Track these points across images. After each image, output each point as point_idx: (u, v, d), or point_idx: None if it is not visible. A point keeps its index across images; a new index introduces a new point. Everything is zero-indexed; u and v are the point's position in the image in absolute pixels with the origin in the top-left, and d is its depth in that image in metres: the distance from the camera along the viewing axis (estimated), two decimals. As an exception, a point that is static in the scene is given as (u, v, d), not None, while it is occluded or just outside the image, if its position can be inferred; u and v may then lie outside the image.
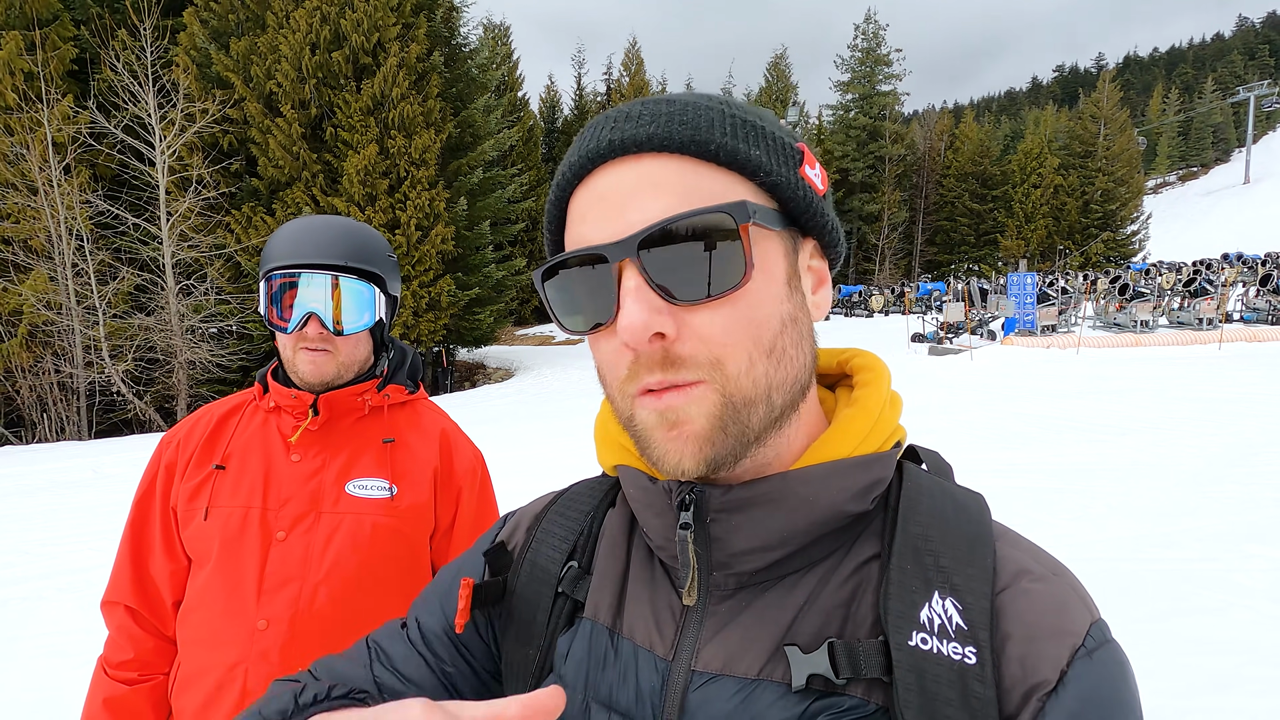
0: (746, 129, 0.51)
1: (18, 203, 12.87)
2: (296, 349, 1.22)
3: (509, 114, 28.46)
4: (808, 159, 0.53)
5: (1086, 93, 49.24)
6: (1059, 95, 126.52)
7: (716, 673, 0.50)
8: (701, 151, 0.48)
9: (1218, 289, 18.37)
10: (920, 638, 0.46)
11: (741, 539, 0.52)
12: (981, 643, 0.45)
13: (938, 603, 0.47)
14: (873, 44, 47.69)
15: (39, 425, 13.46)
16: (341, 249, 1.22)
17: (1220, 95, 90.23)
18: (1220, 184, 73.80)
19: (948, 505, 0.52)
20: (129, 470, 8.08)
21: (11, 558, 4.87)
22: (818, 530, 0.52)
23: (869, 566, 0.51)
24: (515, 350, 23.51)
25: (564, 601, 0.60)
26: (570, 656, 0.57)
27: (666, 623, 0.54)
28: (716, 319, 0.47)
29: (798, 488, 0.51)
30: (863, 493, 0.52)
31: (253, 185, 16.14)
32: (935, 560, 0.49)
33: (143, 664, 1.23)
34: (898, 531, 0.51)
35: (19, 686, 3.19)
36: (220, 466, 1.23)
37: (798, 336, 0.51)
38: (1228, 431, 7.22)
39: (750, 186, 0.50)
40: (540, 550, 0.64)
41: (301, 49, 15.36)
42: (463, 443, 1.35)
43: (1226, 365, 11.97)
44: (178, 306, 13.95)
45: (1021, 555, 0.50)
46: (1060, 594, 0.48)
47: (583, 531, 0.63)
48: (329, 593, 1.17)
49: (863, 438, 0.53)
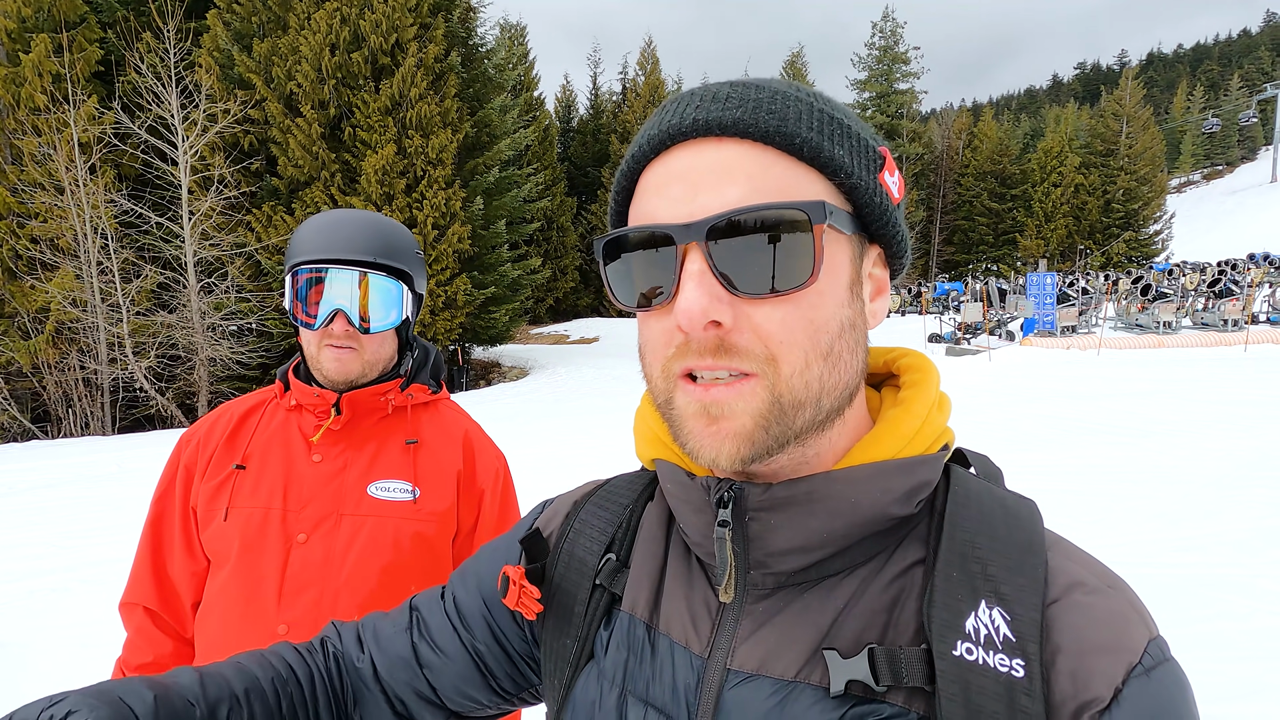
0: (833, 126, 0.49)
1: (45, 202, 13.10)
2: (321, 346, 1.20)
3: (525, 114, 28.55)
4: (888, 165, 0.52)
5: (1109, 90, 48.45)
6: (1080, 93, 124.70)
7: (753, 672, 0.49)
8: (786, 144, 0.47)
9: (1243, 289, 18.03)
10: (965, 648, 0.44)
11: (780, 538, 0.51)
12: (1030, 655, 0.43)
13: (984, 612, 0.45)
14: (890, 42, 47.29)
15: (64, 420, 13.71)
16: (370, 245, 1.19)
17: (1247, 92, 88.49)
18: (1246, 183, 72.36)
19: (997, 511, 0.50)
20: (152, 465, 8.21)
21: (39, 549, 4.97)
22: (859, 532, 0.50)
23: (913, 572, 0.50)
24: (530, 349, 23.58)
25: (601, 594, 0.60)
26: (609, 649, 0.57)
27: (703, 620, 0.53)
28: (776, 315, 0.47)
29: (839, 489, 0.50)
30: (907, 496, 0.51)
31: (273, 184, 16.31)
32: (983, 568, 0.47)
33: (162, 667, 1.21)
34: (944, 537, 0.49)
35: (46, 675, 3.26)
36: (241, 466, 1.20)
37: (853, 342, 0.51)
38: (1253, 435, 7.09)
39: (828, 186, 0.49)
40: (578, 541, 0.64)
41: (321, 50, 15.50)
42: (486, 445, 1.33)
43: (1252, 367, 11.75)
44: (199, 304, 14.15)
45: (1075, 566, 0.48)
46: (1117, 608, 0.46)
47: (621, 524, 0.63)
48: (351, 598, 1.14)
49: (908, 439, 0.52)
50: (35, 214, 13.34)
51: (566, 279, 33.84)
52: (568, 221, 34.15)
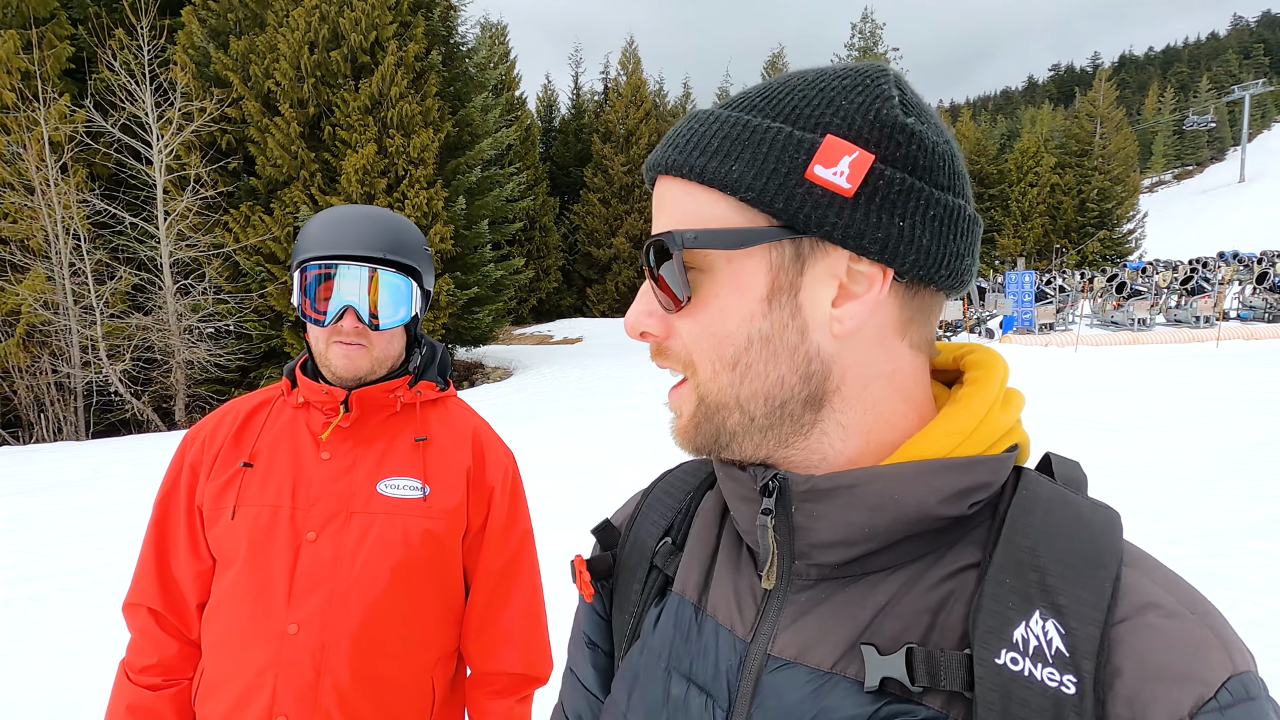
0: (740, 138, 0.49)
1: (15, 202, 12.77)
2: (330, 342, 1.18)
3: (507, 113, 28.35)
4: (823, 154, 0.47)
5: (1083, 91, 49.30)
6: (1055, 94, 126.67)
7: (791, 659, 0.50)
8: (688, 175, 0.51)
9: (1214, 287, 18.44)
10: (1010, 657, 0.42)
11: (823, 530, 0.51)
12: (1084, 673, 0.41)
13: (1036, 623, 0.43)
14: (870, 43, 47.69)
15: (36, 425, 13.38)
16: (380, 240, 1.18)
17: (1215, 94, 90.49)
18: (1215, 183, 74.03)
19: (1067, 518, 0.47)
20: (129, 470, 8.05)
21: (15, 557, 4.85)
22: (904, 530, 0.49)
23: (964, 575, 0.48)
24: (513, 350, 23.47)
25: (656, 575, 0.64)
26: (658, 626, 0.60)
27: (748, 605, 0.55)
28: (687, 327, 0.52)
29: (881, 484, 0.49)
30: (958, 496, 0.49)
31: (251, 184, 16.06)
32: (1040, 577, 0.45)
33: (166, 669, 1.19)
34: (1001, 541, 0.47)
35: (26, 686, 3.18)
36: (248, 464, 1.18)
37: (769, 354, 0.50)
38: (1228, 428, 7.25)
39: (732, 203, 0.49)
40: (642, 525, 0.68)
41: (300, 48, 15.29)
42: (495, 442, 1.32)
43: (1225, 362, 12.02)
44: (175, 306, 13.89)
45: (1152, 586, 0.45)
46: (1195, 635, 0.42)
47: (681, 510, 0.67)
48: (361, 596, 1.13)
49: (963, 438, 0.50)
50: (5, 214, 13.01)
51: (549, 279, 33.71)
52: (550, 221, 34.01)
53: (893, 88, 0.50)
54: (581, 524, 1.65)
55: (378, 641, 1.15)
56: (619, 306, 34.10)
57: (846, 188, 0.47)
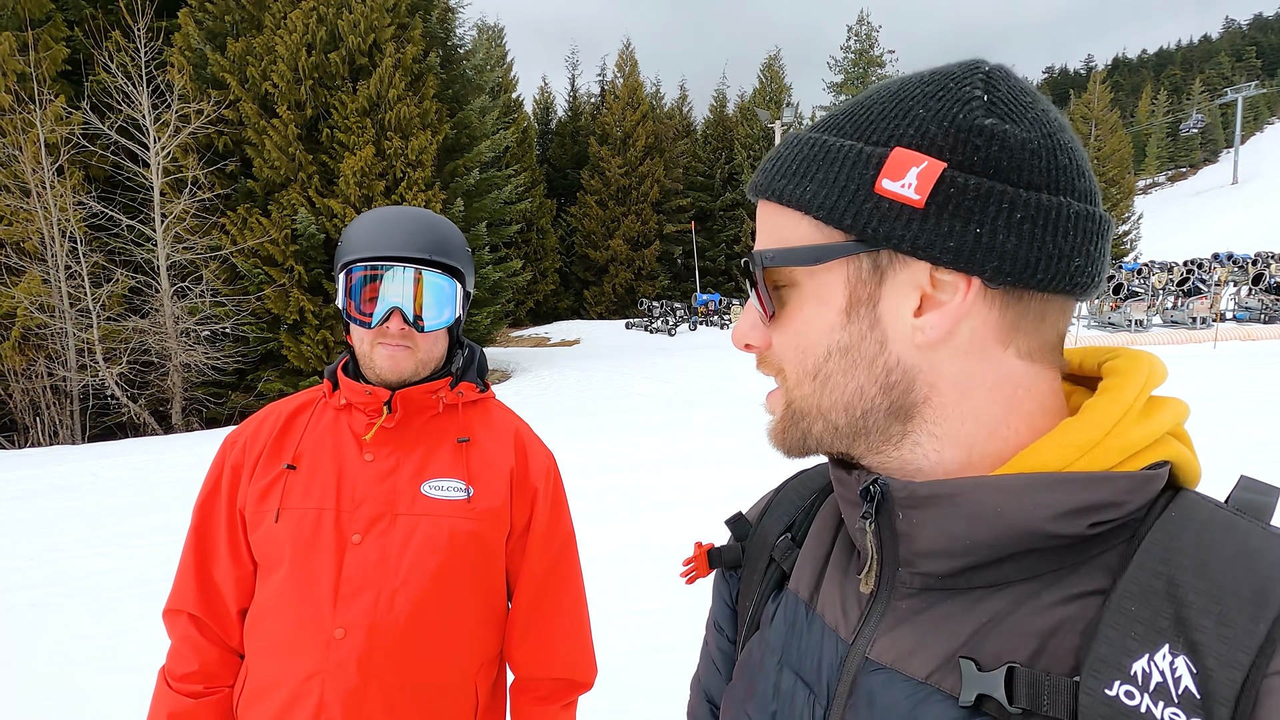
0: (813, 158, 0.52)
1: (10, 205, 12.70)
2: (375, 344, 1.18)
3: (504, 116, 28.36)
4: (891, 167, 0.47)
5: (1076, 94, 49.55)
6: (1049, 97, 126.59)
7: (887, 665, 0.51)
8: (772, 198, 0.54)
9: (1210, 288, 18.53)
10: (1125, 689, 0.39)
11: (924, 538, 0.50)
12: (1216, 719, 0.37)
13: (1164, 658, 0.39)
14: (865, 45, 47.88)
15: (32, 429, 13.29)
16: (425, 242, 1.18)
17: (1208, 96, 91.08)
18: (1209, 184, 74.48)
19: (1226, 546, 0.42)
20: (128, 474, 8.00)
21: (17, 563, 4.80)
22: (1011, 545, 0.47)
23: (1085, 601, 0.45)
24: (511, 352, 23.43)
25: (774, 567, 0.67)
26: (775, 620, 0.63)
27: (852, 608, 0.56)
28: (778, 338, 0.56)
29: (983, 495, 0.47)
30: (1074, 514, 0.45)
31: (248, 187, 15.99)
32: (1176, 609, 0.40)
33: (208, 676, 1.18)
34: (1132, 566, 0.43)
35: (32, 695, 3.14)
36: (291, 466, 1.17)
37: (848, 365, 0.52)
38: (1228, 428, 7.27)
39: (813, 221, 0.52)
40: (769, 520, 0.71)
41: (298, 50, 15.25)
42: (536, 443, 1.32)
43: (1222, 363, 12.08)
44: (172, 309, 13.82)
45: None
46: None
47: (804, 508, 0.69)
48: (407, 599, 1.12)
49: (1083, 450, 0.47)
50: (0, 217, 12.93)
51: (547, 281, 33.69)
52: (548, 224, 34.00)
53: (978, 88, 0.48)
54: (583, 527, 1.64)
55: (423, 645, 1.14)
56: (616, 308, 34.09)
57: (916, 199, 0.46)
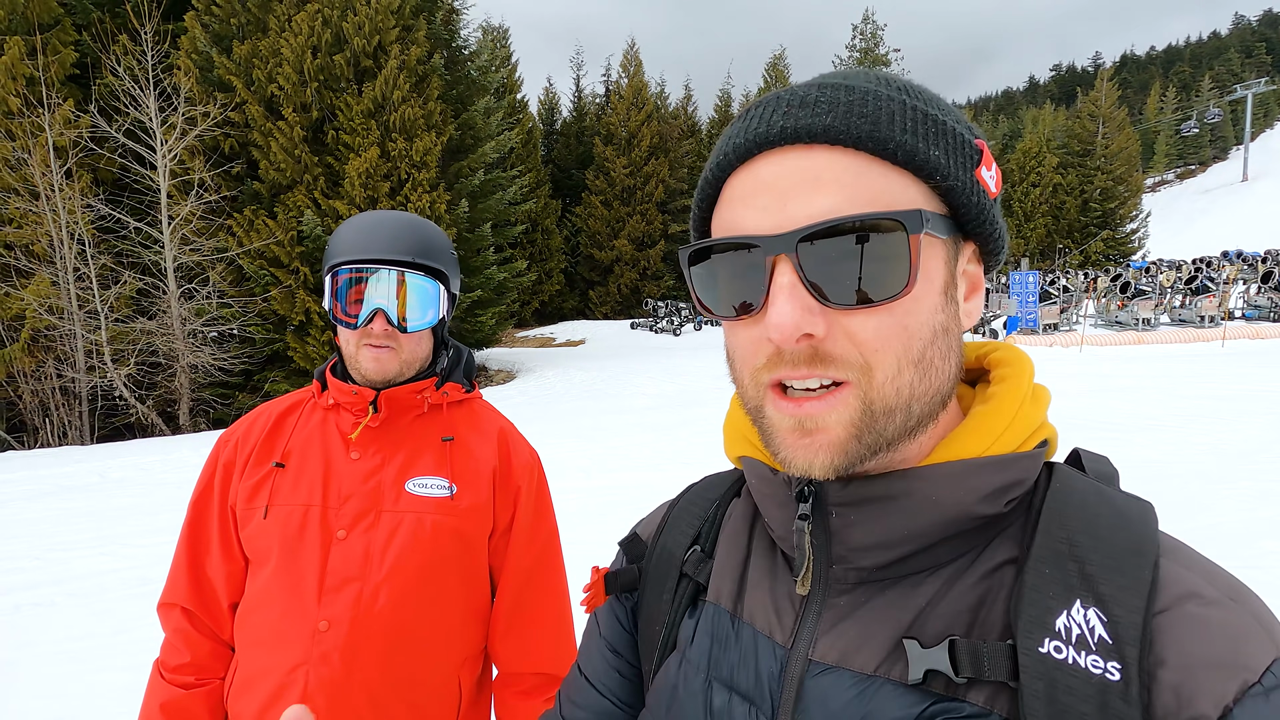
0: (928, 124, 0.48)
1: (20, 207, 12.82)
2: (360, 345, 1.21)
3: (509, 116, 28.41)
4: (985, 158, 0.50)
5: (1084, 92, 49.25)
6: (1056, 94, 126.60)
7: (833, 664, 0.50)
8: (879, 149, 0.46)
9: (1219, 286, 18.39)
10: (1054, 645, 0.42)
11: (861, 534, 0.51)
12: (1128, 660, 0.41)
13: (1078, 612, 0.43)
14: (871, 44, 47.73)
15: (41, 430, 13.41)
16: (408, 245, 1.21)
17: (1218, 93, 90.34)
18: (1218, 182, 73.90)
19: (1103, 510, 0.48)
20: (134, 474, 8.06)
21: (22, 563, 4.84)
22: (943, 531, 0.50)
23: (1002, 571, 0.49)
24: (516, 352, 23.48)
25: (687, 583, 0.63)
26: (696, 637, 0.59)
27: (786, 611, 0.55)
28: (870, 323, 0.46)
29: (921, 486, 0.49)
30: (995, 494, 0.49)
31: (254, 188, 16.09)
32: (1080, 567, 0.45)
33: (199, 667, 1.21)
34: (1038, 534, 0.47)
35: (35, 695, 3.17)
36: (280, 464, 1.21)
37: (946, 348, 0.50)
38: (1236, 428, 7.22)
39: (924, 189, 0.48)
40: (669, 535, 0.67)
41: (303, 52, 15.33)
42: (520, 442, 1.35)
43: (1231, 362, 11.99)
44: (179, 310, 13.91)
45: (1192, 576, 0.45)
46: (1237, 622, 0.42)
47: (708, 519, 0.66)
48: (390, 593, 1.15)
49: (996, 436, 0.51)
50: (10, 220, 13.05)
51: (552, 282, 33.74)
52: (552, 224, 34.04)
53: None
54: (586, 527, 1.65)
55: (406, 639, 1.17)
56: (621, 309, 34.10)
57: (994, 191, 0.51)
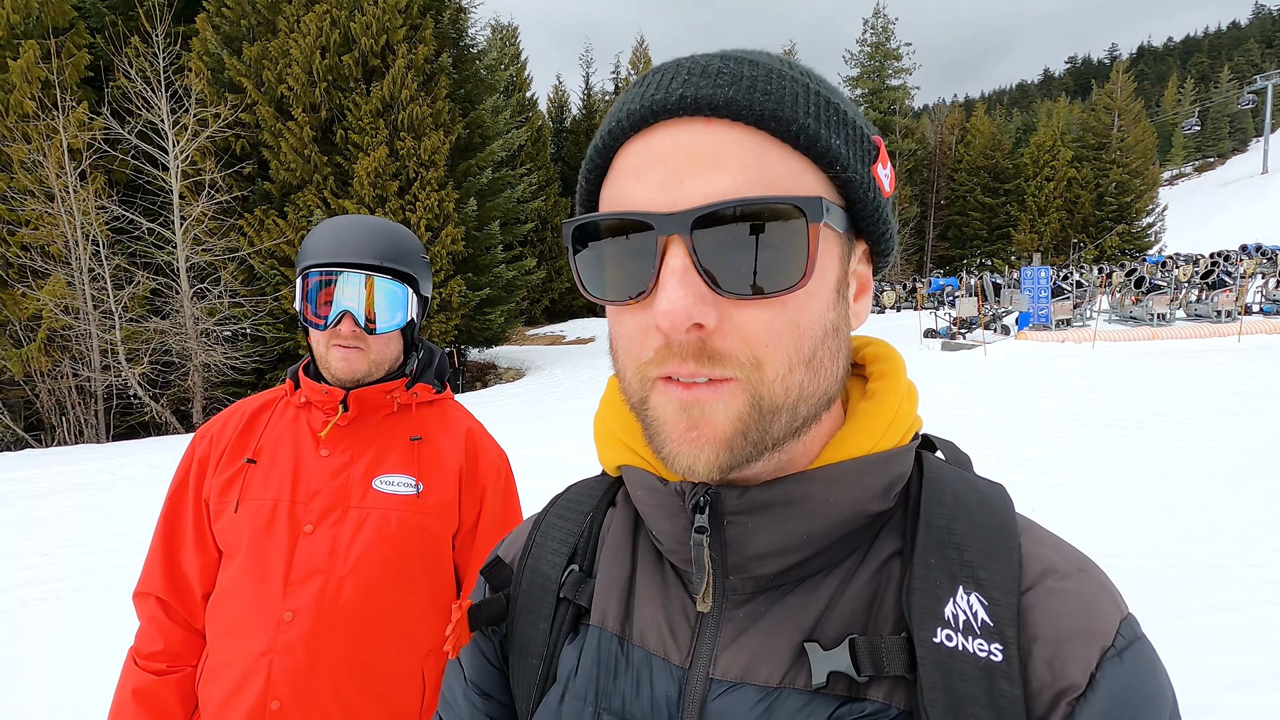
0: (830, 112, 0.46)
1: (35, 209, 13.01)
2: (329, 345, 1.25)
3: (517, 114, 28.48)
4: (881, 156, 0.50)
5: (1099, 84, 48.67)
6: (1071, 87, 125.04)
7: (736, 680, 0.48)
8: (781, 130, 0.43)
9: (1236, 281, 18.10)
10: (945, 634, 0.44)
11: (759, 542, 0.49)
12: (1008, 640, 0.43)
13: (963, 598, 0.45)
14: (882, 38, 47.40)
15: (58, 428, 13.62)
16: (376, 249, 1.24)
17: (1237, 84, 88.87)
18: (1237, 174, 72.73)
19: (971, 497, 0.49)
20: (147, 472, 8.16)
21: (31, 559, 4.93)
22: (839, 531, 0.49)
23: (891, 564, 0.49)
24: (526, 350, 23.56)
25: (566, 607, 0.57)
26: (580, 666, 0.54)
27: (681, 629, 0.51)
28: (762, 317, 0.44)
29: (818, 489, 0.48)
30: (884, 490, 0.50)
31: (265, 188, 16.25)
32: (960, 554, 0.46)
33: (172, 655, 1.25)
34: (920, 525, 0.48)
35: (39, 688, 3.22)
36: (252, 460, 1.25)
37: (836, 348, 0.48)
38: (1249, 425, 7.11)
39: (822, 179, 0.46)
40: (540, 556, 0.61)
41: (312, 53, 15.45)
42: (488, 442, 1.37)
43: (1246, 358, 11.79)
44: (192, 310, 14.07)
45: (1047, 551, 0.47)
46: (1088, 592, 0.45)
47: (583, 533, 0.60)
48: (354, 586, 1.18)
49: (881, 433, 0.50)
50: (25, 221, 13.25)
51: (561, 279, 33.81)
52: (562, 222, 34.03)
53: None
54: None
55: (370, 630, 1.19)
56: (631, 306, 34.08)
57: (888, 189, 0.50)
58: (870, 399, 0.53)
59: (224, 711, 1.15)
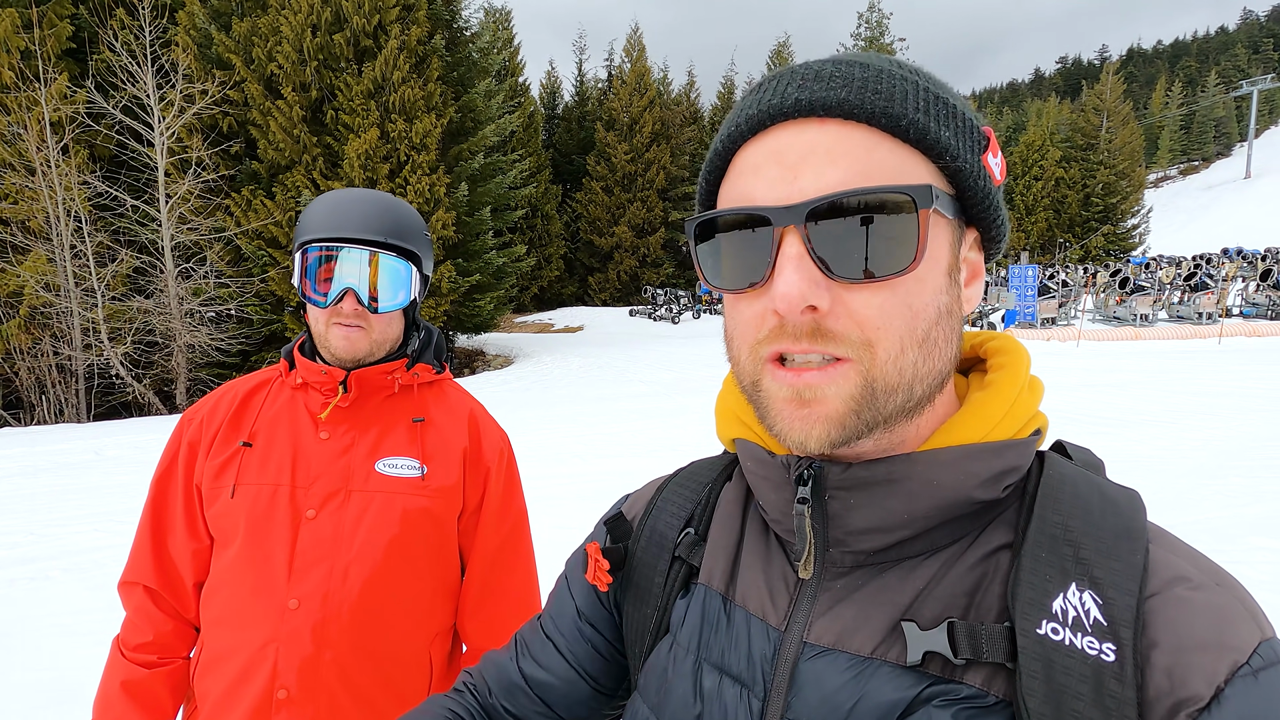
0: (939, 106, 0.49)
1: (15, 183, 12.73)
2: (330, 324, 1.20)
3: (510, 99, 28.22)
4: (992, 145, 0.51)
5: (1089, 85, 48.99)
6: (1061, 87, 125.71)
7: (829, 646, 0.50)
8: (892, 125, 0.47)
9: (1218, 283, 18.39)
10: (1050, 627, 0.43)
11: (859, 517, 0.51)
12: (1123, 641, 0.42)
13: (1074, 594, 0.44)
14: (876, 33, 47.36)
15: (38, 407, 13.41)
16: (381, 225, 1.19)
17: (1223, 89, 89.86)
18: (1221, 178, 73.65)
19: (1094, 497, 0.49)
20: (131, 452, 8.07)
21: (17, 538, 4.86)
22: (941, 515, 0.50)
23: (998, 555, 0.49)
24: (514, 337, 23.46)
25: (680, 566, 0.62)
26: (686, 619, 0.59)
27: (780, 594, 0.54)
28: (874, 300, 0.46)
29: (921, 470, 0.49)
30: (993, 480, 0.50)
31: (252, 168, 16.01)
32: (1075, 551, 0.46)
33: (162, 647, 1.21)
34: (1033, 519, 0.48)
35: (28, 666, 3.20)
36: (248, 444, 1.20)
37: (949, 330, 0.50)
38: (1229, 425, 7.24)
39: (933, 169, 0.48)
40: (659, 518, 0.66)
41: (303, 30, 15.19)
42: (490, 424, 1.34)
43: (1226, 359, 12.00)
44: (176, 289, 13.87)
45: (1179, 561, 0.46)
46: (1223, 605, 0.44)
47: (700, 501, 0.65)
48: (360, 572, 1.15)
49: (995, 423, 0.51)
50: (5, 195, 12.97)
51: (551, 267, 33.66)
52: (552, 209, 33.91)
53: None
54: (578, 511, 1.66)
55: (376, 615, 1.17)
56: (620, 295, 34.06)
57: (999, 178, 0.52)
58: (985, 389, 0.53)
59: (227, 702, 1.12)
